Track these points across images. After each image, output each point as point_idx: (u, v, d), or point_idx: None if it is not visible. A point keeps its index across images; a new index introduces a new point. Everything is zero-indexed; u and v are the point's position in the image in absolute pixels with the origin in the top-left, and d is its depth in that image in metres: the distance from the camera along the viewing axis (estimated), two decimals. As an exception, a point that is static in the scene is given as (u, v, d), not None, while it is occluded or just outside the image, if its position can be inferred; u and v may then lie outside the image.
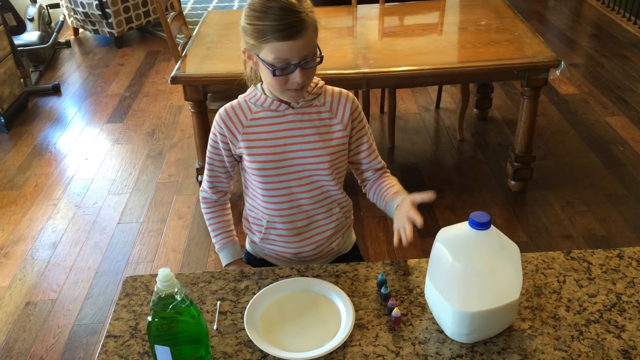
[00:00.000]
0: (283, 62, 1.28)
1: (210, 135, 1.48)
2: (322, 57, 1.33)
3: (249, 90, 1.46)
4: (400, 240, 1.31)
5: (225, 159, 1.48)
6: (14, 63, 3.83)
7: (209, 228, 1.60)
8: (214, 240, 1.59)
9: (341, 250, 1.62)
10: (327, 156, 1.43)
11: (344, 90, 1.47)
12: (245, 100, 1.45)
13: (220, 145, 1.46)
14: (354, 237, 1.69)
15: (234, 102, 1.46)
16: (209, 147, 1.49)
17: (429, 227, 2.68)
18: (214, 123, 1.46)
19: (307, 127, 1.42)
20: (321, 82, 1.46)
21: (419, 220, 1.28)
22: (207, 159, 1.51)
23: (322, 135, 1.43)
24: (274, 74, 1.29)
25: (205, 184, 1.55)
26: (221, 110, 1.46)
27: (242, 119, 1.43)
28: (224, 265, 1.58)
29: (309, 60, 1.29)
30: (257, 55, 1.31)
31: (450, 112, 3.66)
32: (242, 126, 1.43)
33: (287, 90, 1.34)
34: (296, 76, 1.30)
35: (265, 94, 1.42)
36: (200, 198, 1.60)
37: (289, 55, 1.27)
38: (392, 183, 1.52)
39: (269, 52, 1.27)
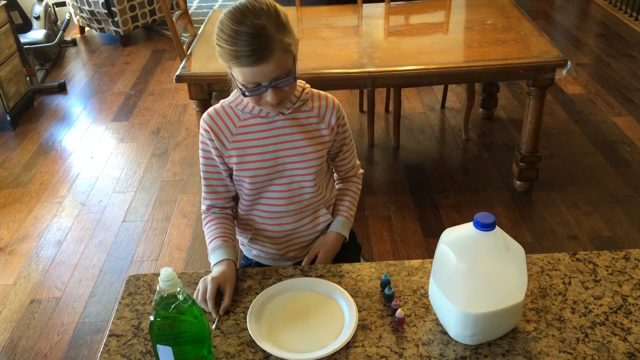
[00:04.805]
0: (253, 84, 1.26)
1: (200, 145, 1.43)
2: (295, 78, 1.30)
3: (232, 96, 1.41)
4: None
5: (220, 166, 1.43)
6: (20, 61, 3.84)
7: (206, 236, 1.42)
8: (209, 244, 1.40)
9: None
10: (315, 160, 1.43)
11: (329, 95, 1.46)
12: (231, 107, 1.40)
13: (213, 153, 1.41)
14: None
15: (217, 107, 1.41)
16: (201, 160, 1.44)
17: (434, 227, 2.70)
18: (201, 131, 1.40)
19: (297, 132, 1.41)
20: (307, 87, 1.43)
21: (307, 261, 1.50)
22: (201, 172, 1.45)
23: (312, 140, 1.42)
24: (244, 95, 1.29)
25: (204, 201, 1.47)
26: (205, 117, 1.40)
27: (230, 126, 1.39)
28: (212, 265, 1.34)
29: (281, 80, 1.26)
30: (231, 72, 1.29)
31: (455, 111, 3.65)
32: (230, 134, 1.39)
33: (264, 105, 1.32)
34: (268, 96, 1.27)
35: None
36: (202, 216, 1.49)
37: (258, 79, 1.25)
38: (346, 197, 1.58)
39: (238, 74, 1.26)
